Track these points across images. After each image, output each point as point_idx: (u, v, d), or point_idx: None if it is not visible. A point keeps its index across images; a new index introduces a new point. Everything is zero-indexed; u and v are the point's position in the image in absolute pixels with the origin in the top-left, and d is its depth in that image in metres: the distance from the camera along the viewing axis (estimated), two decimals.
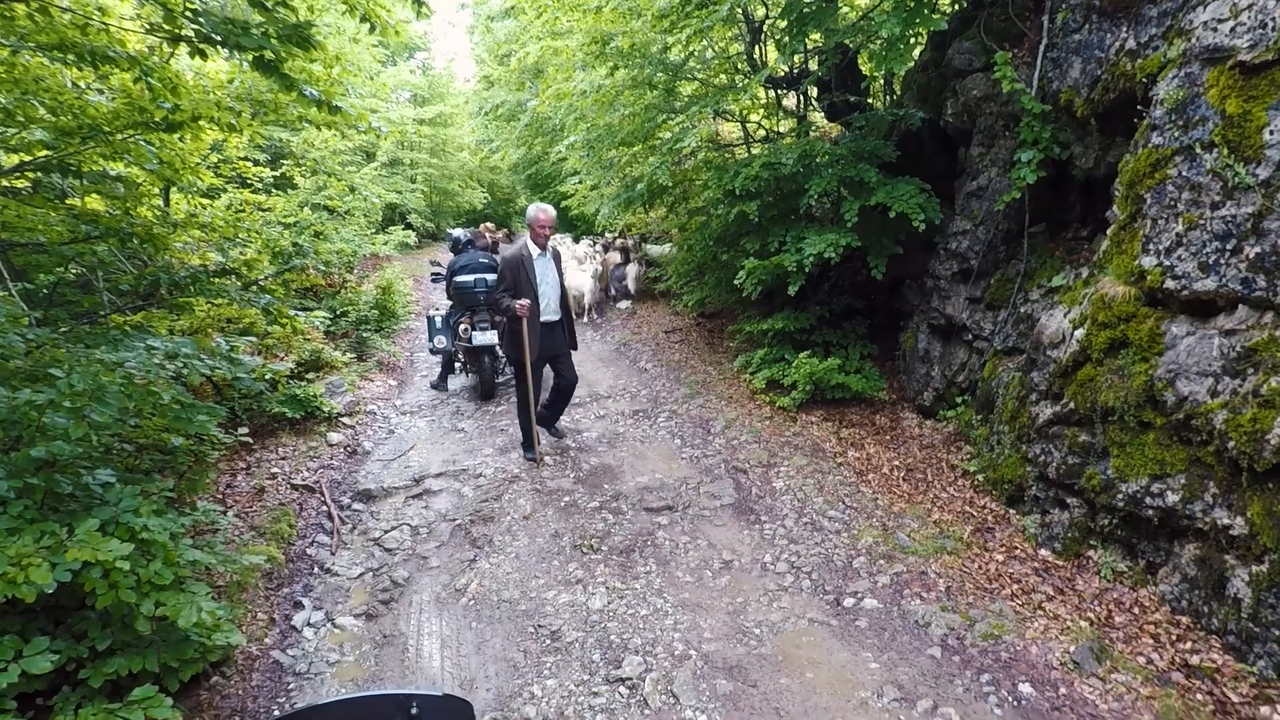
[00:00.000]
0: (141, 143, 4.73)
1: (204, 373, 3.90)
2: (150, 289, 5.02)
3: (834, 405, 7.27)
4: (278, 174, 8.48)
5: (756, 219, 7.40)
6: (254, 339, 5.77)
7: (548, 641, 4.06)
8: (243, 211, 7.25)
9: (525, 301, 5.89)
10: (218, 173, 7.21)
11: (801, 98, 9.26)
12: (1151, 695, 3.36)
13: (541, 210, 6.12)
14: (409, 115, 20.33)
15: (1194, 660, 3.52)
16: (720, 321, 10.67)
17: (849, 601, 4.30)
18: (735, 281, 7.52)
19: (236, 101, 5.00)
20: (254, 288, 5.99)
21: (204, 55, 4.03)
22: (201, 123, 4.60)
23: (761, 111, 10.04)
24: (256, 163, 8.63)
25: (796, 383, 7.14)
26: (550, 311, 6.25)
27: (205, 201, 6.61)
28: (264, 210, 7.67)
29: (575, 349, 6.61)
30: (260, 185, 8.35)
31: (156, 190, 5.95)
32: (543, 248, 6.17)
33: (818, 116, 10.08)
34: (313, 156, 9.20)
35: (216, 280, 5.13)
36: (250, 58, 3.94)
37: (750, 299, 8.17)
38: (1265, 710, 3.17)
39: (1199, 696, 3.33)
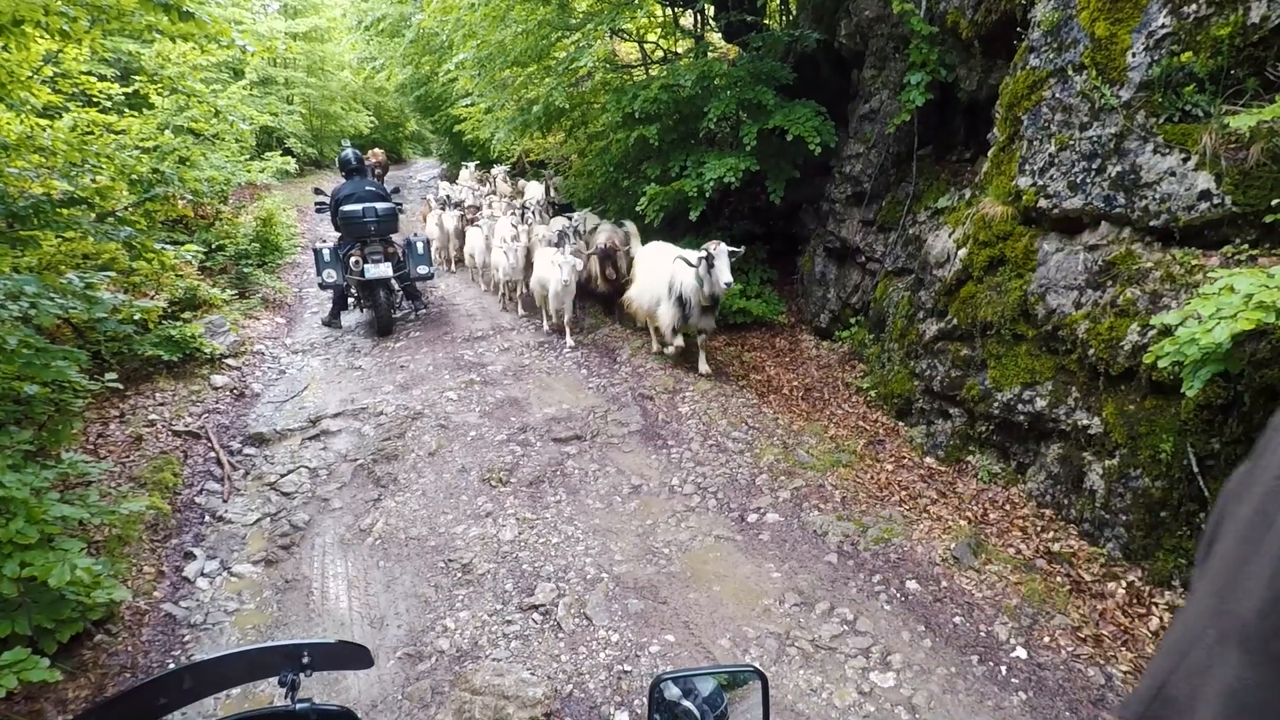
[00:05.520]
0: None
1: (56, 313, 3.53)
2: None
3: (736, 330, 7.42)
4: (129, 91, 7.54)
5: (657, 143, 7.28)
6: (112, 274, 5.25)
7: (459, 575, 4.05)
8: (90, 134, 6.47)
9: None
10: (56, 88, 6.37)
11: (699, 17, 9.04)
12: (1019, 581, 3.71)
13: None
14: (279, 28, 18.59)
15: (1055, 547, 3.91)
16: None
17: (752, 517, 4.49)
18: (637, 208, 7.43)
19: (69, 5, 4.38)
20: (111, 219, 5.42)
21: None
22: (26, 28, 4.01)
23: (659, 31, 9.76)
24: (103, 78, 7.67)
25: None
26: None
27: (43, 122, 5.84)
28: (116, 133, 6.87)
29: None
30: (110, 104, 7.45)
31: None
32: None
33: (715, 37, 9.89)
34: (169, 73, 8.26)
35: (65, 211, 4.59)
36: None
37: (653, 225, 8.11)
38: (1112, 586, 3.58)
39: (1058, 579, 3.71)
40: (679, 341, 6.44)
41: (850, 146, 6.79)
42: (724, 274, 5.77)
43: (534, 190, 11.73)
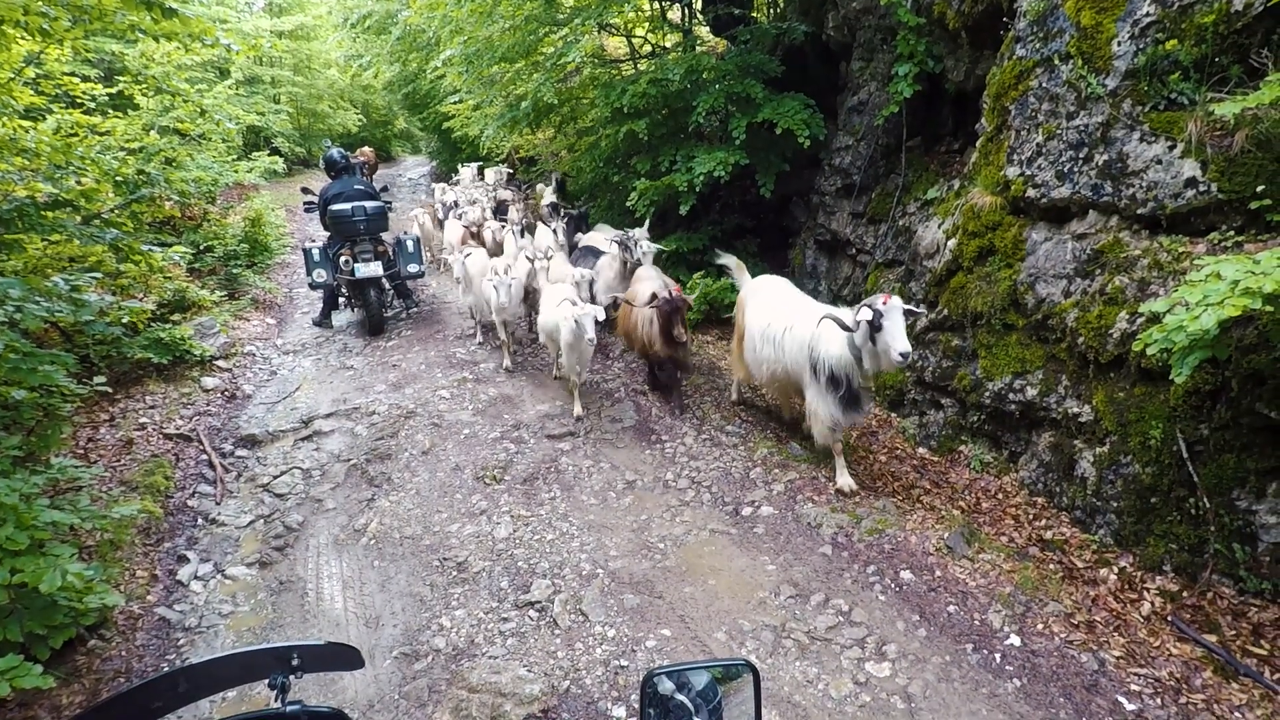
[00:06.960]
0: None
1: (42, 316, 3.49)
2: None
3: (728, 324, 7.41)
4: (113, 91, 7.47)
5: (646, 138, 7.27)
6: (99, 277, 5.21)
7: (454, 573, 4.05)
8: (74, 135, 6.41)
9: None
10: (38, 90, 6.31)
11: (686, 10, 9.02)
12: (1012, 569, 3.73)
13: None
14: (264, 27, 18.43)
15: (1047, 535, 3.94)
16: None
17: (747, 510, 4.50)
18: (628, 203, 7.42)
19: (49, 5, 4.33)
20: (97, 221, 5.37)
21: None
22: (5, 28, 3.97)
23: (646, 25, 9.73)
24: (86, 79, 7.60)
25: (691, 304, 7.22)
26: None
27: (26, 124, 5.78)
28: (101, 134, 6.81)
29: None
30: (94, 105, 7.38)
31: None
32: None
33: (703, 30, 9.88)
34: (153, 73, 8.18)
35: (50, 214, 4.56)
36: None
37: (642, 220, 8.11)
38: (1104, 572, 3.60)
39: (1051, 566, 3.74)
40: (837, 439, 4.55)
41: (839, 139, 6.79)
42: (898, 341, 3.82)
43: (550, 197, 9.96)
